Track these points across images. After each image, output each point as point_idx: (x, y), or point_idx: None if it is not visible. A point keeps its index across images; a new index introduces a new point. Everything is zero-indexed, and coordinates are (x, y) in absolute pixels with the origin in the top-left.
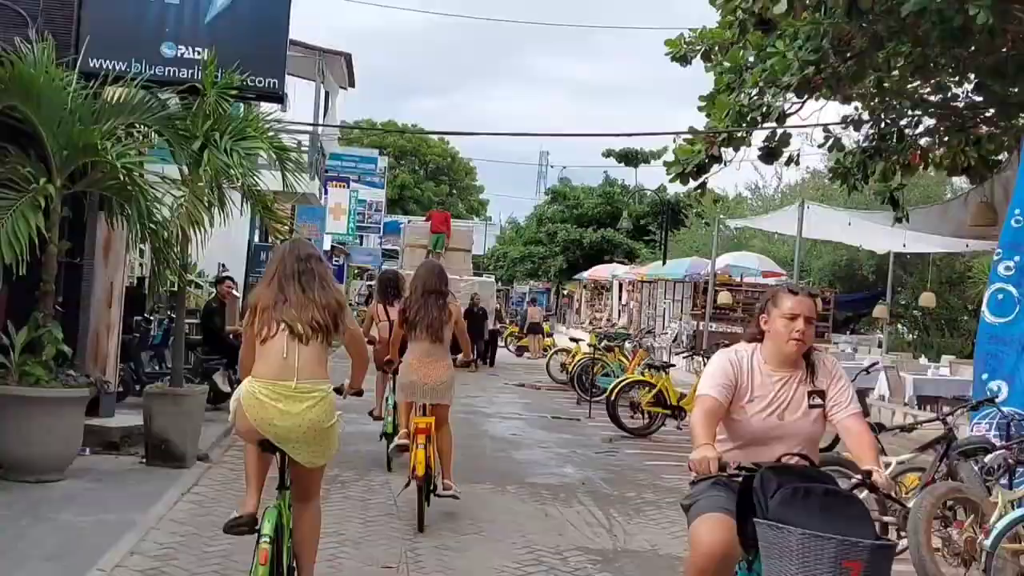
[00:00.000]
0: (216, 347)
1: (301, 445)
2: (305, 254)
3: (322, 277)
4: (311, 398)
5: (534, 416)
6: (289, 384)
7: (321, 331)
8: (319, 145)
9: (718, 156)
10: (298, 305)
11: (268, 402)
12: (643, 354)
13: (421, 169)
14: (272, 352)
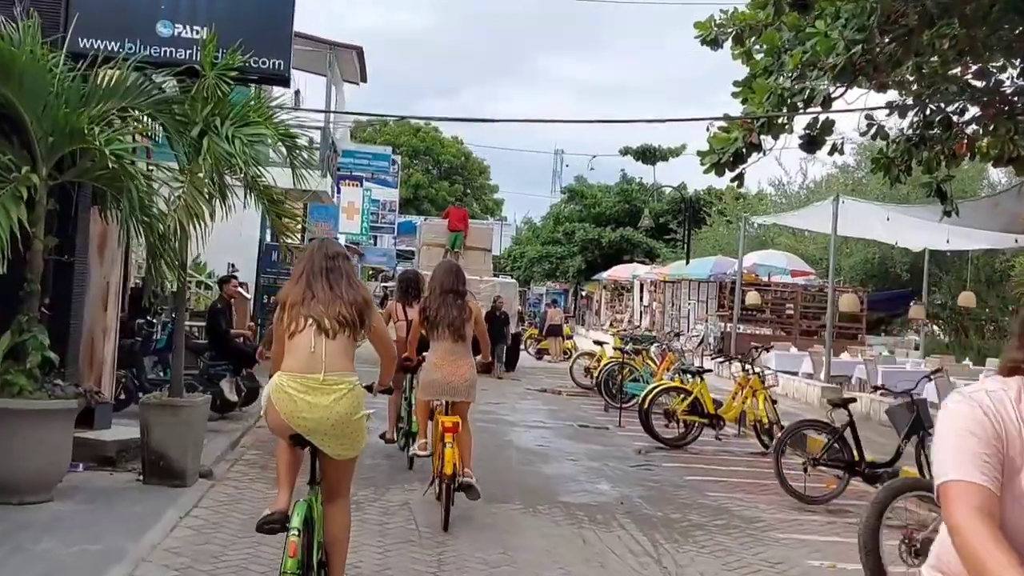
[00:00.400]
0: (222, 352)
1: (330, 437)
2: (333, 252)
3: (349, 275)
4: (338, 390)
5: (560, 424)
6: (317, 377)
7: (348, 326)
8: (331, 141)
9: (757, 144)
10: (325, 301)
11: (296, 395)
12: (672, 358)
13: (435, 169)
14: (300, 346)
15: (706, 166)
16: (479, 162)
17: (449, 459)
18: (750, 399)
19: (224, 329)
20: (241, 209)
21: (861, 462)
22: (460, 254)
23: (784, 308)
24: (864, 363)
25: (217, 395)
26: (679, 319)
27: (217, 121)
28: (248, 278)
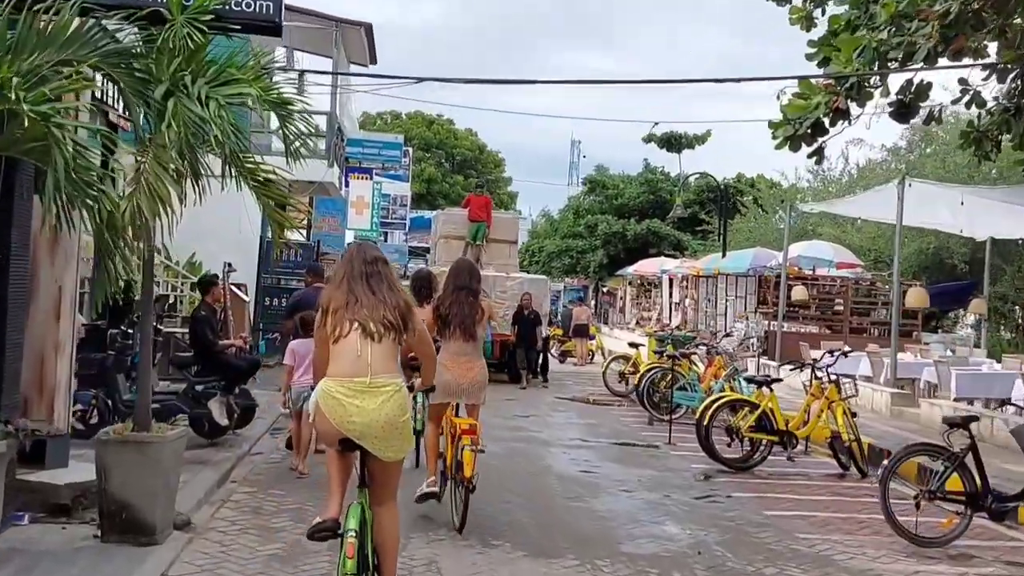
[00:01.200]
0: (210, 366)
1: (379, 440)
2: (372, 256)
3: (389, 279)
4: (385, 392)
5: (602, 443)
6: (364, 380)
7: (392, 330)
8: (337, 128)
9: (844, 111)
10: (369, 305)
11: (345, 399)
12: (721, 362)
13: (448, 162)
14: (346, 351)
15: (778, 140)
16: (494, 155)
17: (468, 461)
18: (826, 412)
19: (211, 339)
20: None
21: (986, 494)
22: (483, 247)
23: (833, 304)
24: (934, 365)
25: (205, 417)
26: (715, 316)
27: (188, 79)
28: (248, 279)
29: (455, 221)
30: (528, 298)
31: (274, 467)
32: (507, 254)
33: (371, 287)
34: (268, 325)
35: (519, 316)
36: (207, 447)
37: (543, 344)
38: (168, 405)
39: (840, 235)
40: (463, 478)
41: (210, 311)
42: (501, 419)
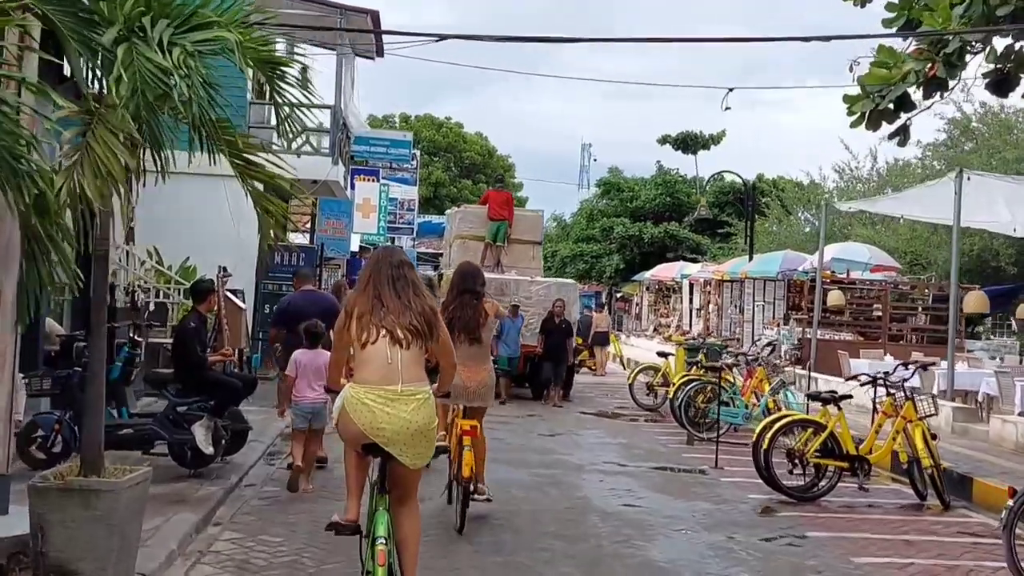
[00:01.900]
0: (194, 384)
1: (407, 447)
2: (398, 261)
3: (415, 284)
4: (416, 400)
5: (642, 468)
6: (395, 388)
7: (419, 337)
8: (342, 123)
9: (941, 80)
10: (396, 311)
11: (375, 406)
12: (763, 373)
13: (456, 166)
14: (375, 357)
15: (855, 116)
16: (504, 159)
17: (468, 462)
18: (901, 434)
19: (199, 355)
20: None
21: None
22: (504, 249)
23: (871, 309)
24: (995, 375)
25: (187, 445)
26: (742, 323)
27: (146, 21)
28: (247, 285)
29: (473, 220)
30: (560, 306)
31: (268, 504)
32: (530, 256)
33: (397, 292)
34: (267, 333)
35: (548, 325)
36: (189, 479)
37: (574, 357)
38: (143, 431)
39: (873, 236)
40: (462, 479)
41: (200, 322)
42: (526, 439)
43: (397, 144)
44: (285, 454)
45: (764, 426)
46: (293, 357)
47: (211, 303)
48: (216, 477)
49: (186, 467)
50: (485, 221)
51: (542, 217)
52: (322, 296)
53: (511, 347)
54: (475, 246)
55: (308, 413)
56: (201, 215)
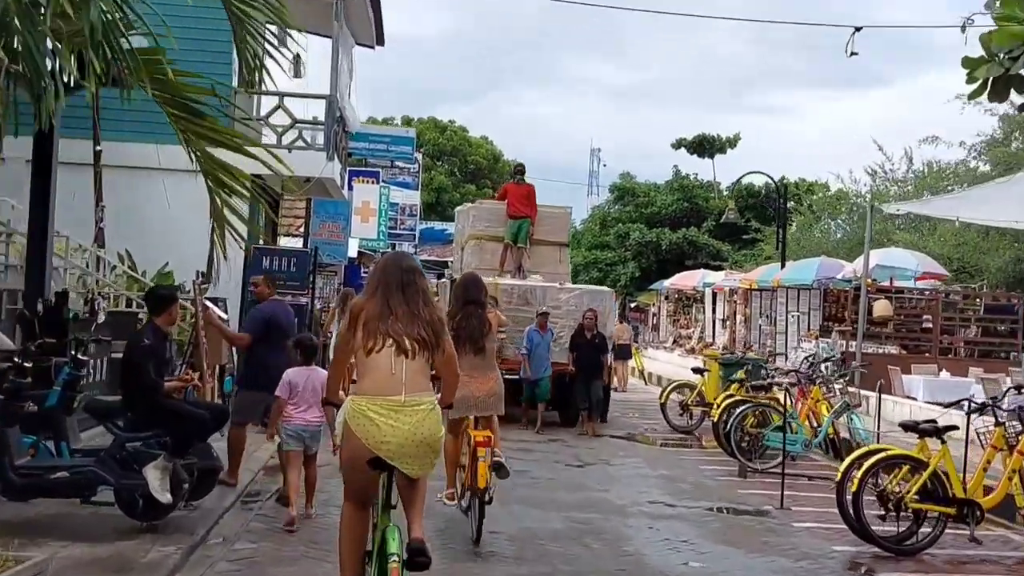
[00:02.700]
0: (148, 415)
1: (412, 459)
2: (407, 266)
3: (424, 292)
4: (420, 411)
5: (694, 508)
6: (398, 399)
7: (426, 348)
8: (338, 115)
9: None
10: (404, 319)
11: (378, 419)
12: (819, 393)
13: (459, 171)
14: (379, 367)
15: (975, 84)
16: (511, 164)
17: (483, 473)
18: (1017, 474)
19: (151, 380)
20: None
21: None
22: (525, 251)
23: (920, 320)
24: None
25: (138, 491)
26: (773, 335)
27: None
28: (230, 292)
29: (489, 217)
30: (592, 317)
31: (242, 567)
32: (556, 259)
33: (407, 299)
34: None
35: (579, 340)
36: (140, 535)
37: (609, 377)
38: (82, 473)
39: (915, 242)
40: (477, 489)
41: (159, 338)
42: (553, 472)
43: (399, 141)
44: (271, 492)
45: (851, 462)
46: (286, 378)
47: (172, 315)
48: (175, 531)
49: (137, 519)
50: (503, 219)
51: (569, 214)
52: (288, 306)
53: (541, 366)
54: (492, 248)
55: (304, 435)
56: (182, 215)
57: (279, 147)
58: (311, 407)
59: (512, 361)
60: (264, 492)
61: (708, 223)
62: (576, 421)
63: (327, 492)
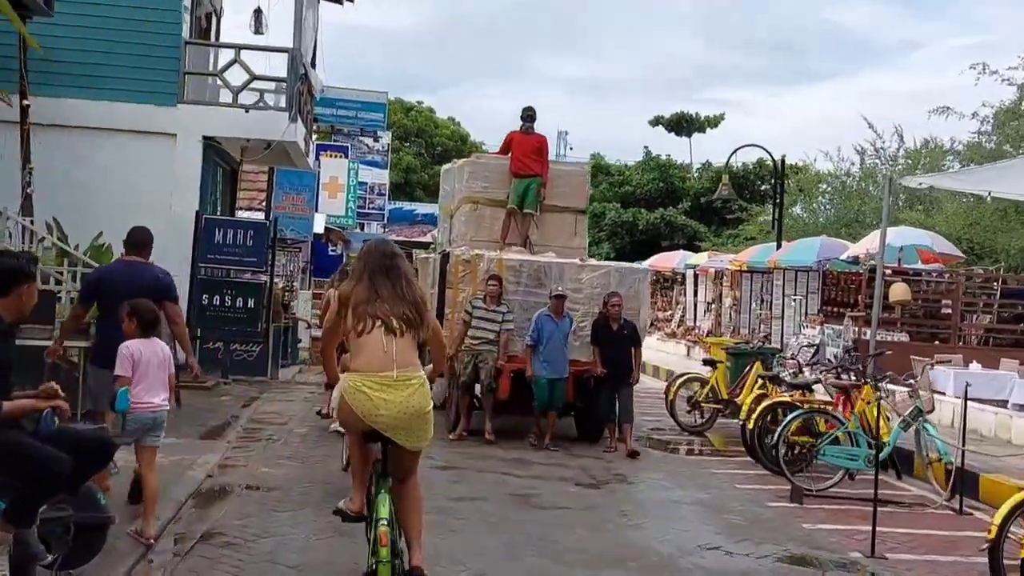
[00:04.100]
0: None
1: (405, 431)
2: (390, 251)
3: (407, 275)
4: (411, 385)
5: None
6: (390, 375)
7: (412, 326)
8: (302, 73)
9: None
10: (390, 301)
11: (373, 393)
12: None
13: (426, 152)
14: (371, 346)
15: None
16: (477, 146)
17: None
18: None
19: None
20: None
21: None
22: (534, 219)
23: (940, 305)
24: None
25: None
26: (769, 320)
27: None
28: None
29: (487, 175)
30: (617, 304)
31: None
32: (572, 229)
33: (391, 282)
34: (209, 332)
35: (603, 334)
36: None
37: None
38: None
39: (923, 221)
40: None
41: None
42: (564, 494)
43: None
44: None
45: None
46: (125, 350)
47: (23, 298)
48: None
49: None
50: (507, 177)
51: (588, 173)
52: (145, 268)
53: (555, 363)
54: (492, 214)
55: (148, 423)
56: (122, 180)
57: (235, 106)
58: (156, 387)
59: (522, 359)
60: (191, 535)
61: (684, 203)
62: (597, 435)
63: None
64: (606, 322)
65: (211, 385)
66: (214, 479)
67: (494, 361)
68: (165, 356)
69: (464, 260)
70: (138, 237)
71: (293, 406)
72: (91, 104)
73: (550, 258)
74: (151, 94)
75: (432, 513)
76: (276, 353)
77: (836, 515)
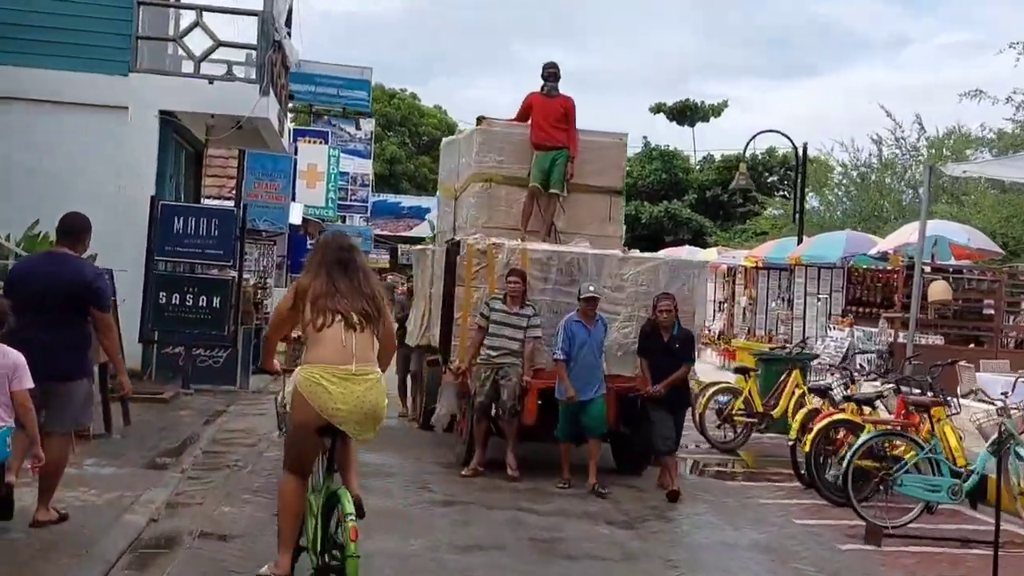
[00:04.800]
0: None
1: (359, 425)
2: (347, 244)
3: (363, 269)
4: (368, 380)
5: None
6: (348, 368)
7: (370, 321)
8: (274, 41)
9: None
10: (348, 295)
11: (331, 386)
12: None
13: (411, 142)
14: (330, 340)
15: None
16: None
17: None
18: None
19: None
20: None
21: None
22: (560, 200)
23: (982, 305)
24: None
25: None
26: (790, 320)
27: None
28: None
29: (501, 147)
30: (668, 307)
31: None
32: (605, 213)
33: (348, 275)
34: (168, 335)
35: (653, 343)
36: None
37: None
38: None
39: (956, 214)
40: None
41: None
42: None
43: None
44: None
45: None
46: None
47: None
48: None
49: None
50: (526, 150)
51: (625, 144)
52: (69, 263)
53: (589, 380)
54: (509, 196)
55: None
56: (63, 160)
57: (197, 76)
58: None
59: (550, 374)
60: None
61: (690, 196)
62: (640, 467)
63: None
64: (655, 330)
65: (169, 397)
66: (159, 524)
67: (518, 377)
68: (10, 368)
69: (479, 251)
70: (68, 223)
71: (264, 422)
72: (27, 72)
73: (585, 249)
74: (98, 61)
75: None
76: (246, 359)
77: (924, 561)
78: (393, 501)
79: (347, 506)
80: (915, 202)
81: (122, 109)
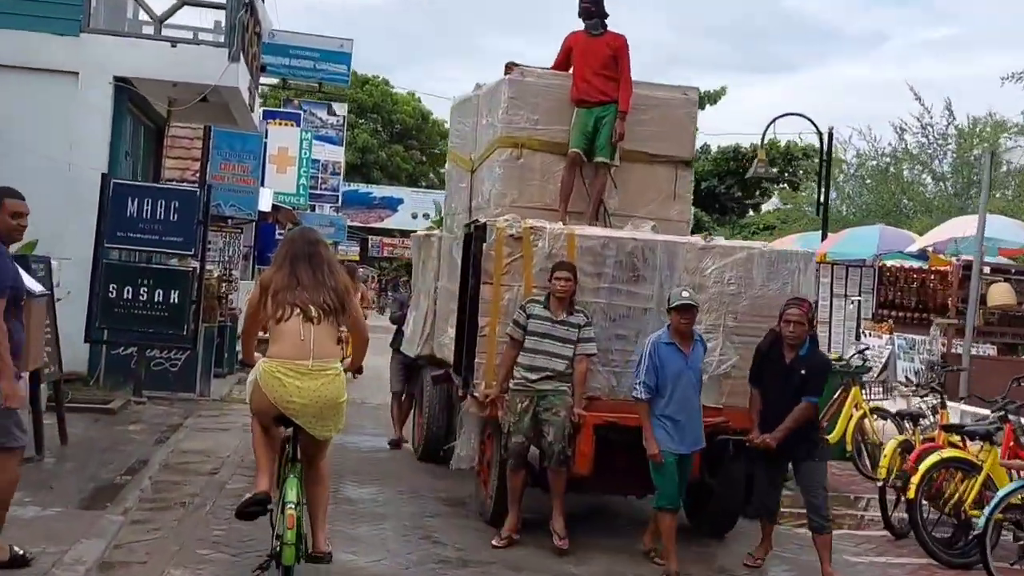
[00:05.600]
0: None
1: (316, 419)
2: (314, 239)
3: (329, 262)
4: (325, 375)
5: None
6: (305, 363)
7: (331, 313)
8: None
9: None
10: (310, 288)
11: (286, 380)
12: None
13: (384, 130)
14: (288, 333)
15: None
16: (440, 124)
17: None
18: None
19: None
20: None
21: None
22: (610, 170)
23: None
24: None
25: None
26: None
27: None
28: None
29: (534, 102)
30: (801, 316)
31: None
32: (670, 189)
33: (312, 269)
34: (118, 334)
35: (773, 366)
36: None
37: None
38: None
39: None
40: None
41: None
42: None
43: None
44: None
45: None
46: None
47: None
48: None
49: None
50: (566, 106)
51: (696, 100)
52: None
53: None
54: (545, 166)
55: None
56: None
57: (158, 38)
58: None
59: (608, 404)
60: None
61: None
62: (726, 529)
63: None
64: (776, 347)
65: (117, 407)
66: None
67: (568, 410)
68: None
69: (512, 237)
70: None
71: (229, 439)
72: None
73: (652, 235)
74: (43, 19)
75: None
76: (207, 362)
77: None
78: (388, 560)
79: (289, 494)
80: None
81: (71, 75)
